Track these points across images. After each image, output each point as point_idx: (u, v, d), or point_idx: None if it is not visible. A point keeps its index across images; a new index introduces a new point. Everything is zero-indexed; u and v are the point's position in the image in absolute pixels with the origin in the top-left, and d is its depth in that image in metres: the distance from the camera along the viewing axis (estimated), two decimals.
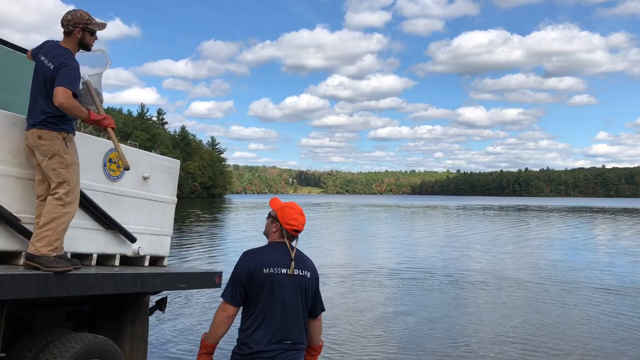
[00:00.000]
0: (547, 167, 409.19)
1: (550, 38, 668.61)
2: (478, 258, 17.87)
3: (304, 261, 3.01)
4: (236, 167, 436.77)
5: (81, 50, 3.70)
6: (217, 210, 57.01)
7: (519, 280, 13.30)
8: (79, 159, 3.61)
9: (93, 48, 3.80)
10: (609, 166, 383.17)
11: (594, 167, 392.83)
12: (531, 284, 12.85)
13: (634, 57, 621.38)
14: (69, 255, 4.07)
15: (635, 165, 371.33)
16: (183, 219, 35.59)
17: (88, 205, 4.02)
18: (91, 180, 4.07)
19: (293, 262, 2.94)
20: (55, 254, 3.45)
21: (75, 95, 3.45)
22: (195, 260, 15.37)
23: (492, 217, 47.83)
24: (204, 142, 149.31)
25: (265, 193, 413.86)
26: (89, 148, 4.07)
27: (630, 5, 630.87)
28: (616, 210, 72.35)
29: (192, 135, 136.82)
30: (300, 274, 2.96)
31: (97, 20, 3.74)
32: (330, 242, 23.83)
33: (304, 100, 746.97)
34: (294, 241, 3.02)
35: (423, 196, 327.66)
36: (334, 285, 12.21)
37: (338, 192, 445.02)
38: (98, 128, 4.04)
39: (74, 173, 3.52)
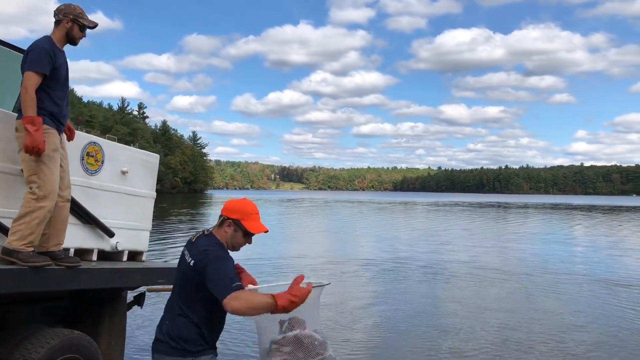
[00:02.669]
0: (527, 164, 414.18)
1: (532, 37, 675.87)
2: (455, 251, 18.05)
3: (196, 245, 2.74)
4: (218, 162, 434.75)
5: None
6: (198, 205, 56.71)
7: (500, 271, 13.49)
8: (57, 153, 3.52)
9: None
10: (587, 164, 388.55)
11: (572, 165, 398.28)
12: (510, 275, 13.05)
13: (613, 57, 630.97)
14: (72, 253, 4.03)
15: (613, 163, 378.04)
16: (163, 214, 35.36)
17: None
18: None
19: (185, 248, 2.79)
20: (32, 249, 3.41)
21: (43, 74, 3.41)
22: (175, 255, 15.29)
23: (463, 213, 48.29)
24: (186, 136, 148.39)
25: (247, 189, 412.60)
26: (66, 141, 4.02)
27: (610, 6, 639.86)
28: (593, 207, 73.42)
29: (174, 129, 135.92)
30: (186, 259, 2.73)
31: (89, 17, 3.71)
32: (294, 236, 23.88)
33: (287, 96, 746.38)
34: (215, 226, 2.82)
35: (404, 192, 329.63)
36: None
37: (320, 188, 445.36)
38: (76, 122, 3.98)
39: (46, 167, 3.43)
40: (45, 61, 3.44)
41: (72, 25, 3.62)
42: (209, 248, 2.68)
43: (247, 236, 2.77)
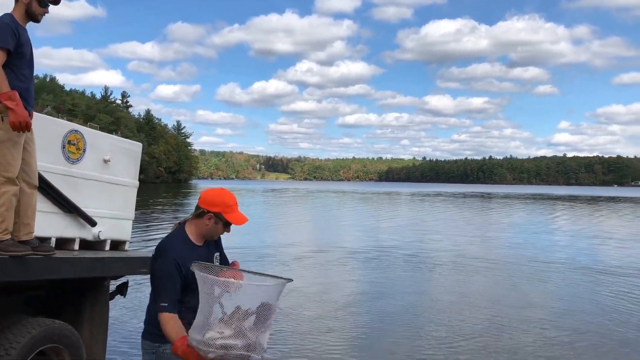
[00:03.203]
0: (511, 155, 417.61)
1: (516, 28, 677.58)
2: (438, 240, 18.19)
3: (166, 237, 2.87)
4: (202, 152, 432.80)
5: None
6: (182, 195, 56.47)
7: (483, 259, 13.65)
8: (21, 137, 3.35)
9: None
10: (570, 155, 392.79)
11: (555, 155, 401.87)
12: (494, 263, 13.21)
13: (596, 49, 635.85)
14: (53, 242, 3.97)
15: (595, 154, 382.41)
16: (146, 203, 35.17)
17: (46, 188, 3.93)
18: (49, 162, 3.97)
19: None
20: (9, 237, 3.36)
21: (7, 50, 3.26)
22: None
23: (446, 203, 48.66)
24: (170, 126, 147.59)
25: (232, 179, 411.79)
26: (47, 129, 3.97)
27: None
28: (575, 197, 74.34)
29: (158, 119, 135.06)
30: None
31: None
32: (273, 225, 23.90)
33: (273, 86, 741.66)
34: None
35: (389, 183, 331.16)
36: (287, 266, 12.29)
37: (306, 179, 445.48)
38: (58, 110, 3.89)
39: (9, 151, 3.28)
40: (8, 37, 3.29)
41: (30, 1, 3.43)
42: (160, 249, 2.75)
43: (227, 226, 2.81)
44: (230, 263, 2.94)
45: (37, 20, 3.54)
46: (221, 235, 2.92)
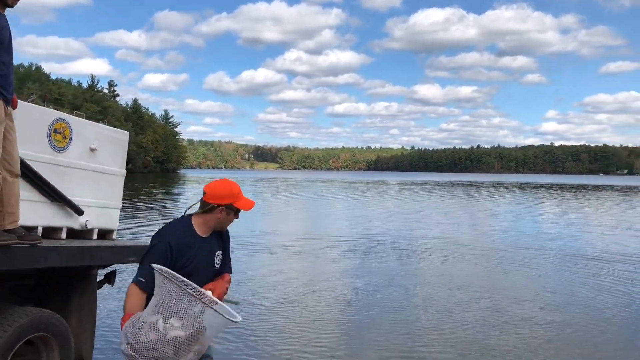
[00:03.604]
0: (499, 144, 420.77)
1: (505, 17, 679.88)
2: (426, 228, 18.27)
3: None
4: (191, 141, 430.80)
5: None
6: (170, 184, 56.25)
7: (471, 247, 13.73)
8: (1, 125, 3.28)
9: None
10: (557, 144, 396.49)
11: (543, 144, 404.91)
12: (482, 250, 13.30)
13: (583, 38, 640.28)
14: (40, 231, 3.95)
15: (582, 143, 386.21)
16: (134, 193, 35.00)
17: (32, 177, 3.91)
18: (35, 151, 3.95)
19: None
20: None
21: None
22: (147, 235, 15.18)
23: (434, 192, 48.87)
24: (157, 115, 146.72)
25: (221, 168, 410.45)
26: (33, 118, 3.94)
27: None
28: (561, 186, 74.92)
29: (145, 108, 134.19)
30: None
31: None
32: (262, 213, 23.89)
33: (261, 75, 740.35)
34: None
35: (378, 172, 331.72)
36: (274, 253, 12.31)
37: (295, 168, 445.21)
38: (43, 99, 3.82)
39: None
40: None
41: None
42: (159, 232, 2.82)
43: (237, 214, 2.93)
44: (220, 276, 2.96)
45: (9, 5, 3.41)
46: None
